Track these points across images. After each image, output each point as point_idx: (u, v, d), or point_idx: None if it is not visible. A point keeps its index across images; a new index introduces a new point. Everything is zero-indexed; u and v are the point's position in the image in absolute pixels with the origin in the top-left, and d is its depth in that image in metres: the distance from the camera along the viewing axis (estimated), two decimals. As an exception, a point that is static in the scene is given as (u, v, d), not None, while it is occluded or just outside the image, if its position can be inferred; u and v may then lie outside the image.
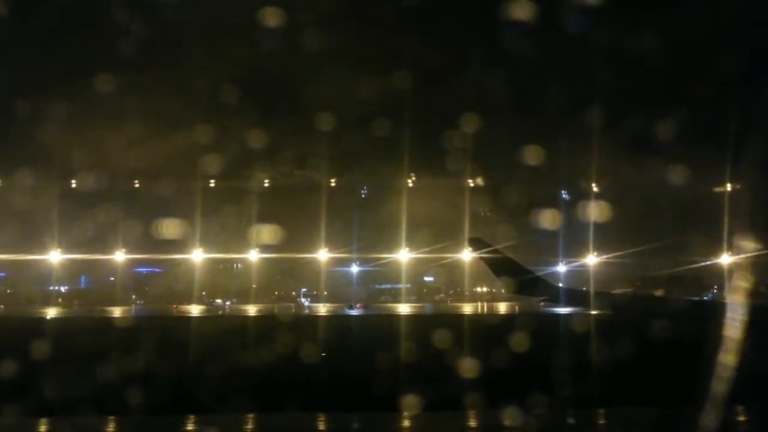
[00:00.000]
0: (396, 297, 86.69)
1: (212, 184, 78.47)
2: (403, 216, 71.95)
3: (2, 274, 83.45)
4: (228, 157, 69.93)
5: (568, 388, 24.10)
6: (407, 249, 75.15)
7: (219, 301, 77.92)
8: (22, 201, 68.87)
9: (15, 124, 67.52)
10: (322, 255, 78.33)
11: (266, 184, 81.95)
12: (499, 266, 26.31)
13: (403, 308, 74.96)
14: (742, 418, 23.82)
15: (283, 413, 22.47)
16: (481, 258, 26.32)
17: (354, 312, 69.74)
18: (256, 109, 68.45)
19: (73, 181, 77.55)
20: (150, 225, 69.60)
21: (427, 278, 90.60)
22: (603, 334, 30.61)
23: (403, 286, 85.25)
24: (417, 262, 78.12)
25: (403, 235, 72.81)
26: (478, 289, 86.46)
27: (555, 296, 26.84)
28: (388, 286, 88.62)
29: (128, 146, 71.62)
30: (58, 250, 73.31)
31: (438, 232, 71.50)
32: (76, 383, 22.68)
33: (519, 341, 27.86)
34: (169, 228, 69.76)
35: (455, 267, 77.66)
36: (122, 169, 74.50)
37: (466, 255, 72.30)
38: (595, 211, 61.10)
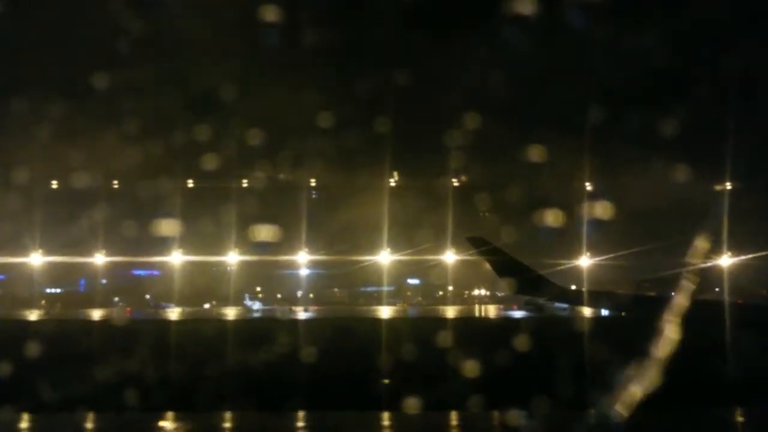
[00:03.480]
0: (377, 299, 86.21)
1: (192, 185, 79.00)
2: (390, 218, 71.39)
3: (1, 277, 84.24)
4: (207, 159, 68.85)
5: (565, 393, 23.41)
6: (389, 251, 74.51)
7: (171, 304, 77.88)
8: (16, 202, 68.06)
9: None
10: (302, 257, 77.76)
11: (245, 185, 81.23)
12: (501, 265, 25.04)
13: (357, 311, 74.58)
14: (743, 419, 23.36)
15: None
16: (483, 257, 25.05)
17: (300, 315, 69.75)
18: (234, 110, 67.12)
19: (54, 183, 78.44)
20: (137, 226, 69.04)
21: (411, 281, 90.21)
22: (607, 334, 29.82)
23: (385, 288, 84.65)
24: (400, 265, 77.54)
25: (385, 237, 72.34)
26: (477, 292, 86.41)
27: (559, 296, 25.69)
28: (372, 288, 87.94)
29: (102, 148, 70.42)
30: (40, 252, 72.70)
31: (424, 234, 70.92)
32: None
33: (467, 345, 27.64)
34: (160, 228, 69.11)
35: (442, 269, 77.02)
36: (98, 170, 73.37)
37: (450, 257, 72.01)
38: (591, 211, 60.82)
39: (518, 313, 66.45)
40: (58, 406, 21.72)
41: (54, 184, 78.98)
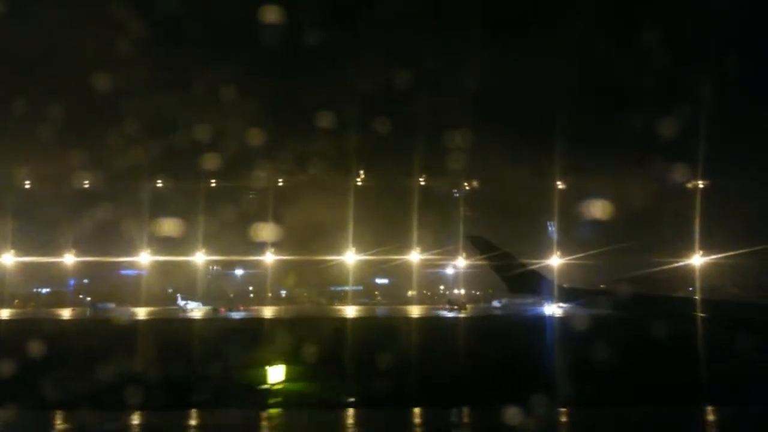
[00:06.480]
0: (344, 299, 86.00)
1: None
2: (363, 219, 71.26)
3: None
4: (183, 161, 68.84)
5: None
6: (354, 250, 74.47)
7: (111, 305, 78.26)
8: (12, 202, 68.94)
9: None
10: (269, 257, 77.18)
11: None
12: (498, 263, 25.15)
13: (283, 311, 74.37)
14: (737, 416, 23.80)
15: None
16: (483, 256, 25.14)
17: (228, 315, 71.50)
18: (200, 113, 66.15)
19: (28, 183, 77.05)
20: (124, 226, 69.35)
21: (379, 280, 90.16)
22: (601, 332, 30.14)
23: (349, 287, 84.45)
24: (367, 264, 77.45)
25: (350, 237, 72.91)
26: (457, 291, 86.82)
27: (553, 294, 25.94)
28: (341, 288, 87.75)
29: (92, 150, 69.15)
30: (12, 252, 73.21)
31: (396, 235, 71.08)
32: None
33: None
34: (145, 229, 70.41)
35: (409, 269, 77.11)
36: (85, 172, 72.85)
37: (415, 257, 72.31)
38: (567, 213, 61.59)
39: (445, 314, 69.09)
40: None
41: (44, 186, 77.37)
